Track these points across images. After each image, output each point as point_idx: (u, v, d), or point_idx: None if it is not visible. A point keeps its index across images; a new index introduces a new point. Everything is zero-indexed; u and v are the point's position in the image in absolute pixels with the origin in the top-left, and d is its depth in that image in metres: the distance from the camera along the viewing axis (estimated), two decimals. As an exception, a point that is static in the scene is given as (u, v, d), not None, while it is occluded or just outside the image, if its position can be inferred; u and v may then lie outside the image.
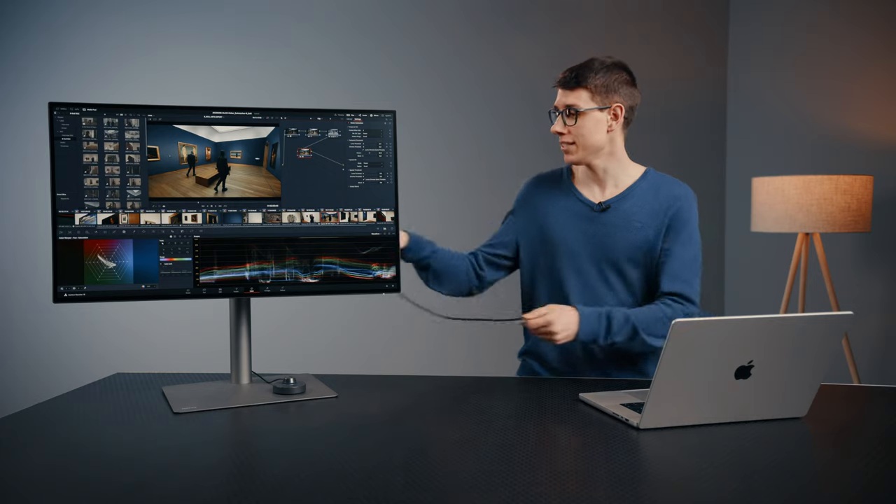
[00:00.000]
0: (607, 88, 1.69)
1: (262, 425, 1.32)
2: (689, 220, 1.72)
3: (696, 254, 1.73)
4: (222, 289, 1.51)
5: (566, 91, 1.71)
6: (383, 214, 1.59)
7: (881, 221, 2.83)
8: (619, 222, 1.71)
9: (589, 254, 1.72)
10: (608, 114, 1.70)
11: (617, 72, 1.70)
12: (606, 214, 1.72)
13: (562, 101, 1.71)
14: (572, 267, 1.73)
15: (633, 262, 1.70)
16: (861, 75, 2.94)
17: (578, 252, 1.73)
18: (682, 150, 3.51)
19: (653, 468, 1.11)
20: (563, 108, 1.71)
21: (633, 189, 1.74)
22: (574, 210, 1.76)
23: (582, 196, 1.76)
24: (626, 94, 1.70)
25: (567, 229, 1.75)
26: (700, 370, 1.22)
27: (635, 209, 1.71)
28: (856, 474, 1.06)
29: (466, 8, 3.31)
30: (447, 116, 3.32)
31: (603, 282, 1.72)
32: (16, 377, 3.07)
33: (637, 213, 1.71)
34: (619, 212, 1.72)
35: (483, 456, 1.14)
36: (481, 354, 3.27)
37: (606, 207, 1.73)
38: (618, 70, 1.70)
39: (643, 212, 1.71)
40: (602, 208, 1.73)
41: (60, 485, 1.03)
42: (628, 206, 1.72)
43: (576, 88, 1.69)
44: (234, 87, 3.15)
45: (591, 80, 1.68)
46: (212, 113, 1.50)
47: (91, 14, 3.07)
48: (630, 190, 1.74)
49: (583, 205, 1.75)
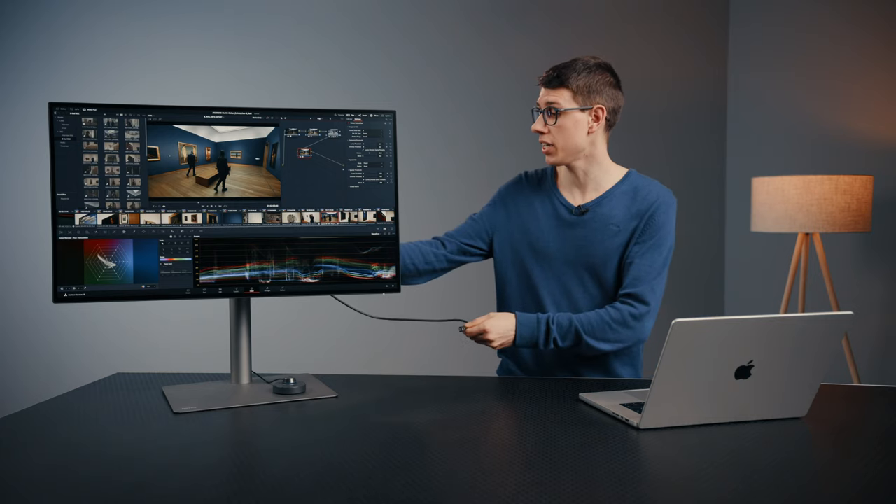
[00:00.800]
0: (589, 89, 1.67)
1: (262, 425, 1.32)
2: (662, 224, 1.69)
3: (665, 259, 1.69)
4: (222, 289, 1.51)
5: (548, 89, 1.70)
6: (383, 214, 1.59)
7: (881, 221, 2.83)
8: (596, 226, 1.70)
9: (565, 256, 1.72)
10: (589, 115, 1.68)
11: (600, 73, 1.68)
12: (584, 218, 1.71)
13: (543, 99, 1.70)
14: (547, 268, 1.74)
15: (609, 266, 1.69)
16: (861, 75, 2.94)
17: (554, 254, 1.73)
18: (682, 150, 3.51)
19: (653, 468, 1.11)
20: (543, 106, 1.70)
21: (611, 192, 1.72)
22: (553, 212, 1.75)
23: (563, 198, 1.76)
24: (609, 95, 1.69)
25: (544, 231, 1.74)
26: (700, 370, 1.22)
27: (613, 213, 1.70)
28: (856, 474, 1.06)
29: (466, 8, 3.31)
30: (447, 116, 3.32)
31: (578, 284, 1.72)
32: (16, 377, 3.07)
33: (614, 217, 1.70)
34: (597, 215, 1.71)
35: (483, 456, 1.14)
36: (481, 355, 3.27)
37: (585, 211, 1.71)
38: (601, 71, 1.69)
39: (620, 215, 1.70)
40: (581, 212, 1.72)
41: (60, 485, 1.03)
42: (606, 210, 1.71)
43: (558, 87, 1.68)
44: (235, 87, 3.15)
45: (574, 80, 1.66)
46: (212, 113, 1.50)
47: (91, 14, 3.07)
48: (609, 193, 1.72)
49: (563, 207, 1.74)
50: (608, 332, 1.63)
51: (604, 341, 1.63)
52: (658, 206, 1.69)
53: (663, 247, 1.68)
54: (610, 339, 1.63)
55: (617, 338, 1.64)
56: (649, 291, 1.65)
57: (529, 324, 1.64)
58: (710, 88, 3.55)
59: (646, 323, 1.66)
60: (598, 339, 1.63)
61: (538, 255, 1.75)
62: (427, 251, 1.80)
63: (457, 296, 3.04)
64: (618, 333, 1.63)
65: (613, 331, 1.63)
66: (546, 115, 1.69)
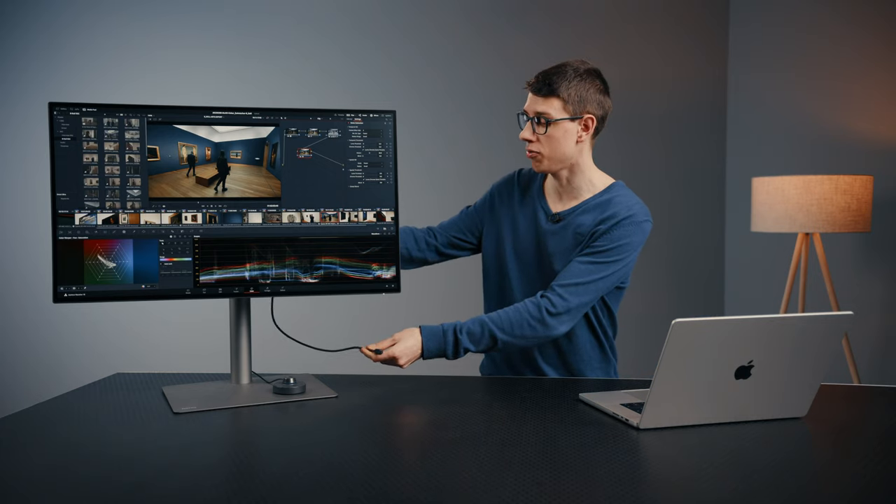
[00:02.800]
0: (580, 98, 1.61)
1: (262, 425, 1.32)
2: (618, 239, 1.59)
3: (604, 279, 1.60)
4: (222, 289, 1.51)
5: (537, 98, 1.63)
6: (383, 214, 1.59)
7: (881, 221, 2.83)
8: (566, 235, 1.67)
9: (537, 262, 1.71)
10: (579, 124, 1.63)
11: (591, 80, 1.62)
12: (558, 226, 1.69)
13: (532, 107, 1.64)
14: (523, 271, 1.73)
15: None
16: (861, 75, 2.94)
17: (528, 259, 1.72)
18: (682, 151, 3.51)
19: (653, 468, 1.11)
20: (532, 114, 1.64)
21: (587, 203, 1.67)
22: (534, 217, 1.73)
23: (545, 204, 1.73)
24: (599, 103, 1.63)
25: (522, 234, 1.74)
26: (700, 370, 1.22)
27: (582, 224, 1.65)
28: (855, 475, 1.06)
29: (466, 8, 3.31)
30: (447, 116, 3.32)
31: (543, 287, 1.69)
32: (16, 377, 3.07)
33: (581, 227, 1.65)
34: (569, 225, 1.67)
35: (483, 456, 1.14)
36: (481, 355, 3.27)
37: (559, 220, 1.69)
38: (592, 78, 1.63)
39: (586, 227, 1.64)
40: (555, 220, 1.69)
41: (60, 485, 1.03)
42: (578, 221, 1.66)
43: (548, 97, 1.62)
44: (234, 87, 3.16)
45: (565, 89, 1.60)
46: (212, 113, 1.50)
47: (91, 14, 3.07)
48: (585, 203, 1.67)
49: (543, 213, 1.72)
50: (525, 328, 1.57)
51: (521, 338, 1.57)
52: (621, 222, 1.60)
53: (609, 265, 1.59)
54: (527, 336, 1.57)
55: (533, 334, 1.57)
56: (574, 294, 1.58)
57: (435, 336, 1.57)
58: (710, 88, 3.55)
59: (560, 324, 1.59)
60: (514, 336, 1.57)
61: (517, 257, 1.74)
62: (420, 237, 1.82)
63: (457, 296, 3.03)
64: (534, 329, 1.57)
65: (530, 327, 1.57)
66: (535, 123, 1.64)
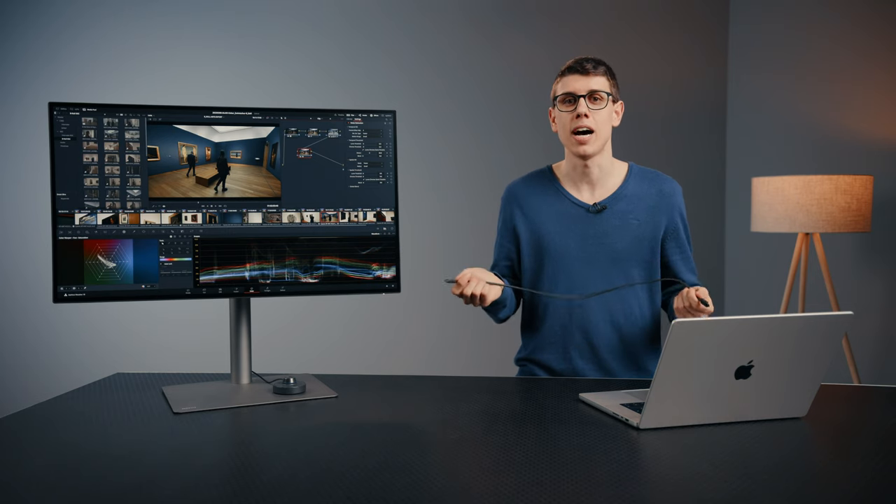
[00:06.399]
0: (616, 83, 1.70)
1: (262, 425, 1.32)
2: (684, 213, 1.77)
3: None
4: (222, 289, 1.51)
5: (585, 76, 1.65)
6: (383, 214, 1.59)
7: (881, 221, 2.83)
8: (616, 222, 1.70)
9: (588, 256, 1.71)
10: (618, 107, 1.71)
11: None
12: (602, 215, 1.71)
13: (584, 85, 1.65)
14: (568, 270, 1.71)
15: (635, 260, 1.70)
16: (861, 75, 2.94)
17: (576, 255, 1.71)
18: (682, 150, 3.51)
19: (653, 468, 1.11)
20: (585, 92, 1.65)
21: (624, 187, 1.73)
22: (568, 213, 1.73)
23: (573, 198, 1.73)
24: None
25: (562, 234, 1.72)
26: (700, 370, 1.22)
27: (631, 207, 1.71)
28: (855, 474, 1.06)
29: (466, 8, 3.31)
30: (447, 116, 3.32)
31: (605, 282, 1.71)
32: (16, 377, 3.07)
33: (633, 211, 1.70)
34: (615, 211, 1.71)
35: (483, 456, 1.14)
36: (481, 356, 3.27)
37: (602, 209, 1.71)
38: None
39: (639, 209, 1.71)
40: (597, 210, 1.71)
41: (60, 485, 1.03)
42: (624, 205, 1.71)
43: (601, 75, 1.66)
44: (234, 87, 3.15)
45: (608, 70, 1.69)
46: (212, 113, 1.50)
47: (91, 14, 3.07)
48: (622, 188, 1.73)
49: (577, 207, 1.72)
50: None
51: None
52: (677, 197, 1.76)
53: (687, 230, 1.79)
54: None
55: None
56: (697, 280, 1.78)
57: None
58: (710, 88, 3.55)
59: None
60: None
61: (559, 256, 1.72)
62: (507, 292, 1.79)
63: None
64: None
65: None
66: (588, 100, 1.65)
